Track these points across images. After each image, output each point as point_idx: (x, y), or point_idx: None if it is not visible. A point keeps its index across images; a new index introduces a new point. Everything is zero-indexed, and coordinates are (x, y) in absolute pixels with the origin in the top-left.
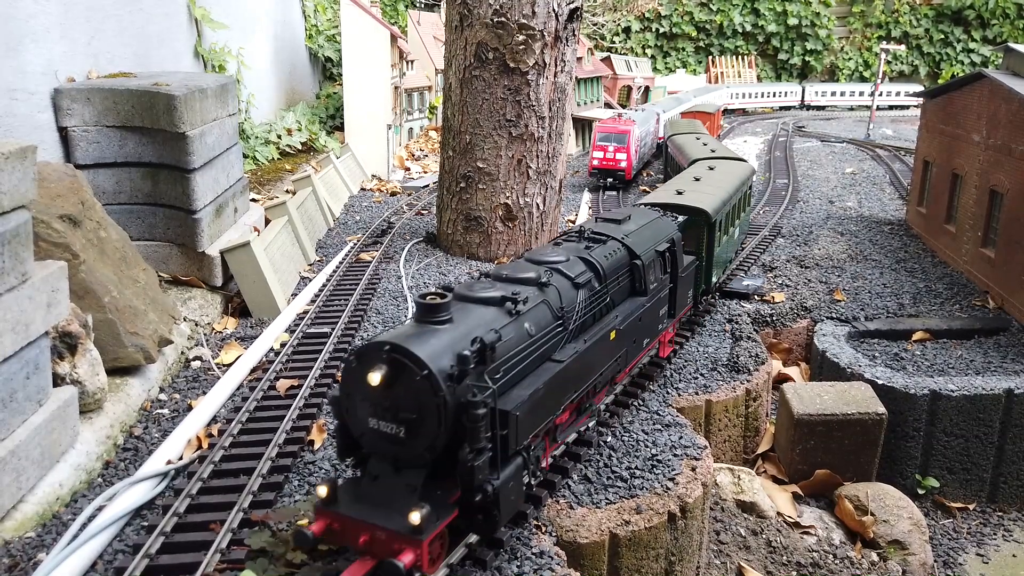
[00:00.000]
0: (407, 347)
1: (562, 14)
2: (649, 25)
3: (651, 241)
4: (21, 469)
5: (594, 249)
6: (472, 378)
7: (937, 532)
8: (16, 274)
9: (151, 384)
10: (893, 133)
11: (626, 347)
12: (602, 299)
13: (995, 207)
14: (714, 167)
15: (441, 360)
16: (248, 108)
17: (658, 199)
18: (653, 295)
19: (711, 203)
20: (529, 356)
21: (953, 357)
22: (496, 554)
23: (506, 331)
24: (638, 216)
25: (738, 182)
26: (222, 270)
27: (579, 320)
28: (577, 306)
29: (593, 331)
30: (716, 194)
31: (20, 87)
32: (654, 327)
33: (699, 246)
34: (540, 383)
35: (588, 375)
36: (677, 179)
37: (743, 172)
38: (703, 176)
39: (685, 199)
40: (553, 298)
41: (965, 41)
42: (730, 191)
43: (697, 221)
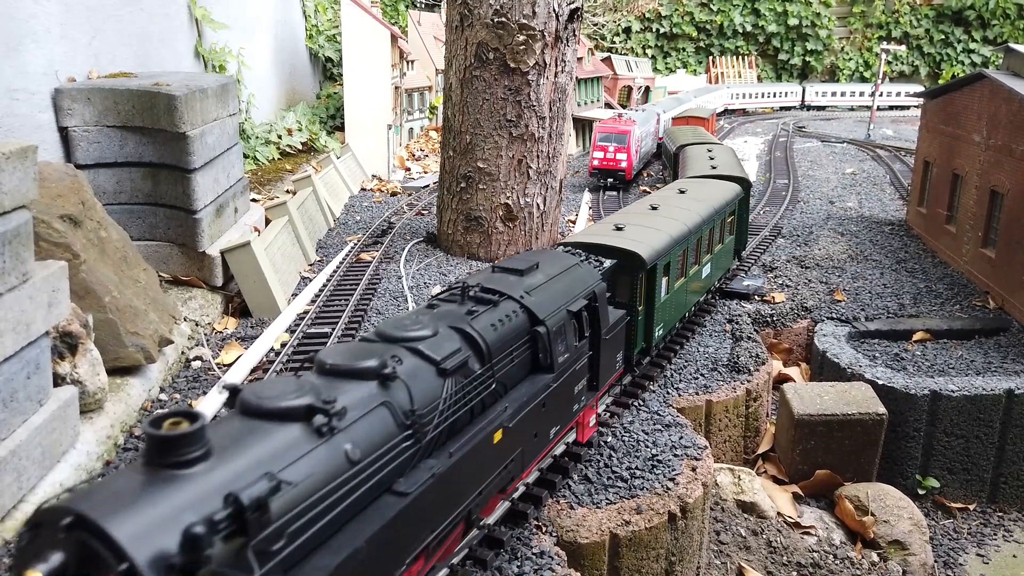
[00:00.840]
0: (98, 522)
1: (562, 14)
2: (649, 25)
3: (562, 298)
4: (22, 469)
5: (479, 315)
6: (224, 561)
7: (937, 532)
8: (17, 274)
9: (152, 384)
10: (893, 133)
11: (521, 446)
12: (485, 386)
13: (995, 207)
14: (686, 189)
15: (158, 540)
16: (248, 108)
17: (587, 238)
18: (564, 369)
19: (654, 242)
20: (350, 494)
21: (953, 357)
22: (496, 554)
23: (300, 467)
24: (549, 263)
25: (710, 210)
26: (222, 270)
27: (444, 423)
28: (441, 403)
29: (466, 436)
30: (668, 228)
31: (21, 87)
32: (566, 410)
33: (634, 297)
34: (364, 538)
35: (456, 501)
36: (629, 208)
37: (722, 195)
38: (664, 203)
39: (618, 238)
40: (400, 397)
41: (965, 41)
42: (693, 223)
43: (631, 266)
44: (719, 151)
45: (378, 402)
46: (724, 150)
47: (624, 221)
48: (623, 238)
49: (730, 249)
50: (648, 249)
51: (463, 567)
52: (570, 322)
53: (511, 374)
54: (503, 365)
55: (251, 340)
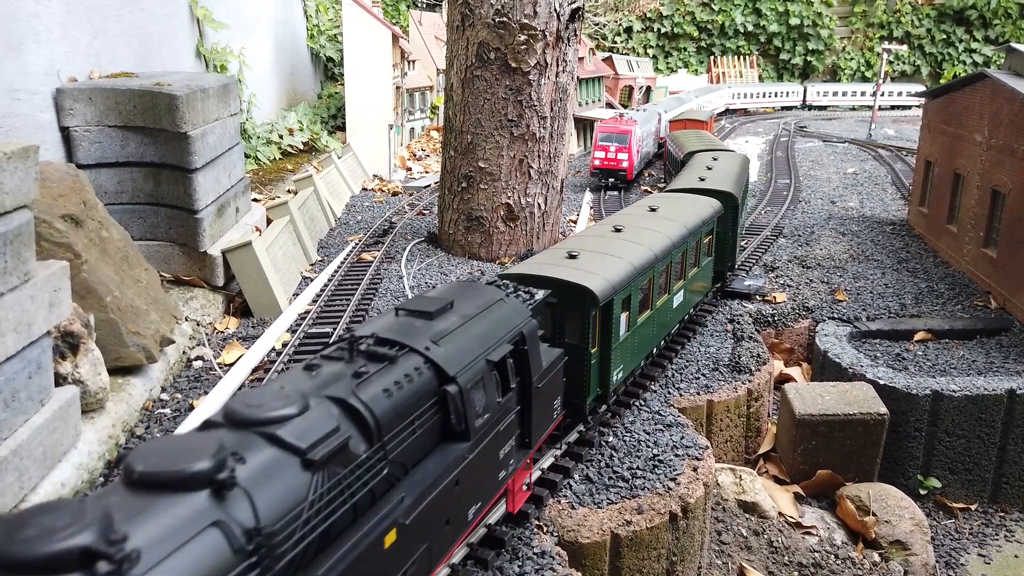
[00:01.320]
0: None
1: (564, 14)
2: (651, 25)
3: (481, 344)
4: (23, 469)
5: (369, 378)
6: None
7: (939, 532)
8: (18, 274)
9: (153, 384)
10: (895, 133)
11: (427, 542)
12: (373, 472)
13: (997, 207)
14: (657, 207)
15: None
16: (250, 108)
17: (533, 269)
18: (484, 433)
19: (611, 274)
20: None
21: (955, 357)
22: (497, 554)
23: None
24: (467, 301)
25: (682, 231)
26: (224, 270)
27: (311, 534)
28: (307, 508)
29: (345, 546)
30: (631, 256)
31: (22, 87)
32: (489, 481)
33: (586, 337)
34: None
35: None
36: (590, 231)
37: (698, 213)
38: (631, 224)
39: (569, 269)
40: (239, 511)
41: (967, 41)
42: (661, 247)
43: (582, 303)
44: (724, 160)
45: (207, 523)
46: (729, 159)
47: (580, 247)
48: (574, 269)
49: (708, 272)
50: (602, 283)
51: (464, 567)
52: (491, 374)
53: (412, 451)
54: (400, 441)
55: (252, 340)
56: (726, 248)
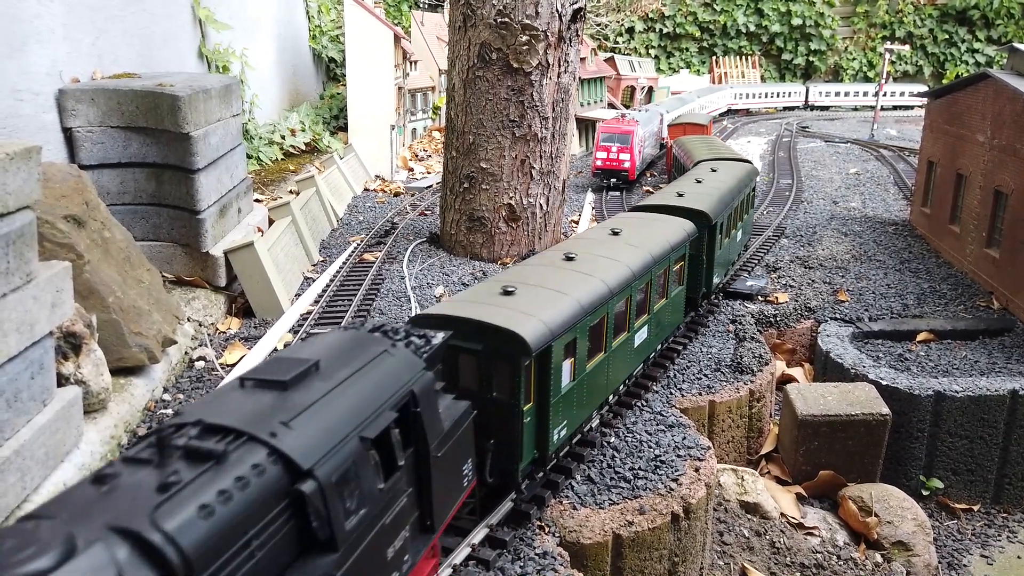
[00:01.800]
0: None
1: (565, 14)
2: (653, 25)
3: (352, 418)
4: (26, 469)
5: (179, 493)
6: None
7: (941, 533)
8: (21, 274)
9: (155, 384)
10: (897, 133)
11: None
12: None
13: (999, 207)
14: (621, 230)
15: None
16: (252, 109)
17: (455, 309)
18: (360, 535)
19: (551, 315)
20: None
21: (957, 358)
22: (499, 554)
23: None
24: (340, 358)
25: (646, 259)
26: (226, 270)
27: None
28: None
29: None
30: (580, 291)
31: (25, 88)
32: None
33: (516, 392)
34: None
35: None
36: (537, 259)
37: (666, 237)
38: (585, 251)
39: (499, 310)
40: None
41: (969, 41)
42: (619, 279)
43: (511, 351)
44: (721, 172)
45: None
46: (728, 171)
47: (520, 281)
48: (506, 310)
49: (679, 303)
50: (538, 327)
51: (466, 567)
52: (368, 455)
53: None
54: (231, 573)
55: (254, 340)
56: (700, 274)
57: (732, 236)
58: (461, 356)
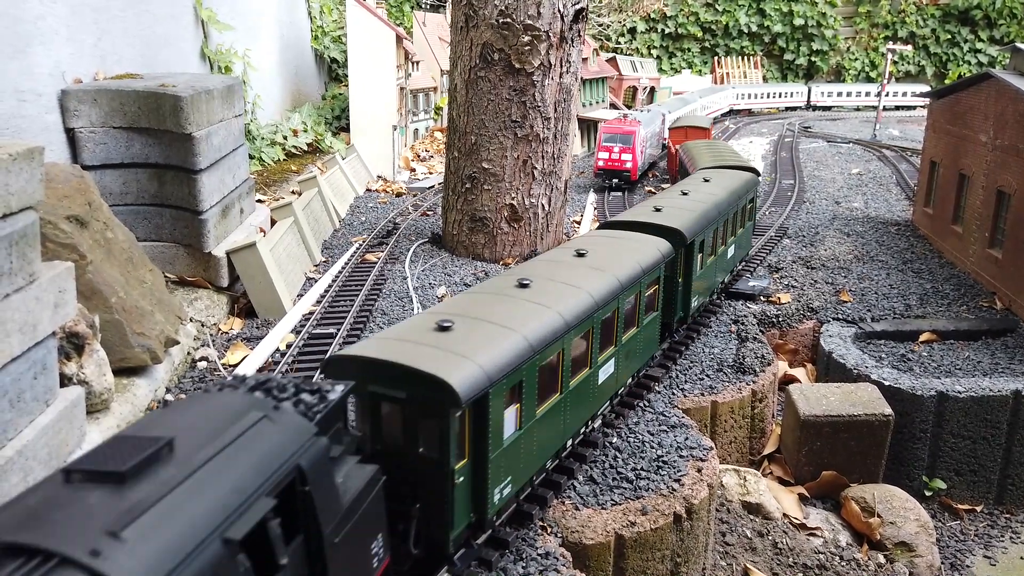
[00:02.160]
0: None
1: (567, 15)
2: (654, 26)
3: (212, 516)
4: (28, 469)
5: None
6: None
7: (944, 534)
8: (24, 275)
9: (157, 384)
10: (899, 133)
11: None
12: None
13: (1002, 208)
14: (587, 251)
15: None
16: (254, 109)
17: (374, 351)
18: None
19: (488, 357)
20: None
21: (960, 358)
22: (501, 555)
23: None
24: (201, 432)
25: (612, 284)
26: (228, 271)
27: None
28: None
29: None
30: (528, 326)
31: (28, 88)
32: None
33: (446, 447)
34: None
35: None
36: (489, 284)
37: (639, 259)
38: (545, 276)
39: (424, 353)
40: None
41: (972, 41)
42: (578, 312)
43: (436, 402)
44: (714, 183)
45: None
46: (723, 181)
47: (459, 313)
48: (435, 350)
49: (653, 332)
50: (472, 372)
51: (468, 567)
52: (234, 563)
53: None
54: None
55: (257, 341)
56: (676, 299)
57: (719, 254)
58: (384, 405)
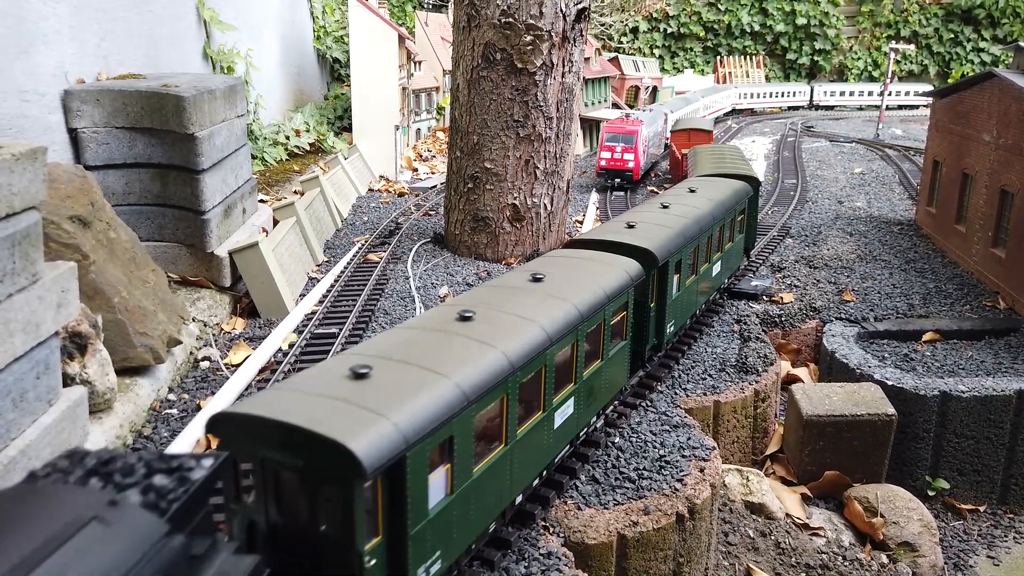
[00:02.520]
0: None
1: (569, 14)
2: (657, 25)
3: None
4: (31, 468)
5: None
6: None
7: (947, 534)
8: (26, 275)
9: (160, 384)
10: (902, 133)
11: None
12: None
13: (1006, 207)
14: (544, 276)
15: None
16: (256, 109)
17: (264, 408)
18: None
19: (406, 413)
20: None
21: (963, 358)
22: (503, 555)
23: None
24: (17, 536)
25: (570, 315)
26: (231, 271)
27: None
28: None
29: None
30: (463, 372)
31: (31, 88)
32: None
33: (350, 523)
34: None
35: None
36: (427, 318)
37: (603, 283)
38: (491, 306)
39: (329, 404)
40: None
41: (975, 40)
42: (524, 353)
43: (336, 469)
44: (700, 194)
45: None
46: (713, 191)
47: (383, 354)
48: (343, 405)
49: (621, 362)
50: (383, 433)
51: (470, 567)
52: None
53: None
54: None
55: (259, 340)
56: (648, 326)
57: (701, 273)
58: (281, 474)
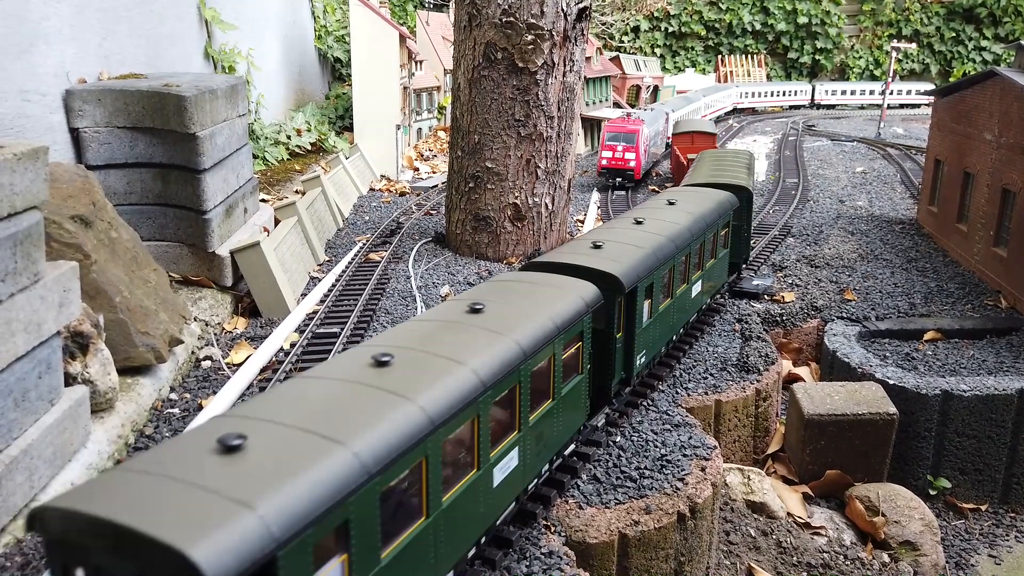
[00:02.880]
0: None
1: (571, 14)
2: (658, 24)
3: None
4: (33, 468)
5: None
6: None
7: (949, 533)
8: (28, 274)
9: (162, 383)
10: (904, 132)
11: None
12: None
13: (1007, 206)
14: (483, 305)
15: None
16: (258, 109)
17: (97, 503)
18: None
19: (272, 505)
20: None
21: (965, 357)
22: (505, 554)
23: None
24: None
25: (512, 352)
26: (232, 270)
27: None
28: None
29: None
30: (363, 437)
31: (32, 88)
32: None
33: None
34: None
35: None
36: (325, 368)
37: (554, 313)
38: (414, 347)
39: (161, 502)
40: None
41: (977, 39)
42: (445, 404)
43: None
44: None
45: None
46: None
47: (264, 416)
48: (190, 498)
49: (576, 402)
50: (244, 534)
51: (472, 567)
52: None
53: None
54: None
55: (261, 340)
56: (612, 358)
57: (678, 295)
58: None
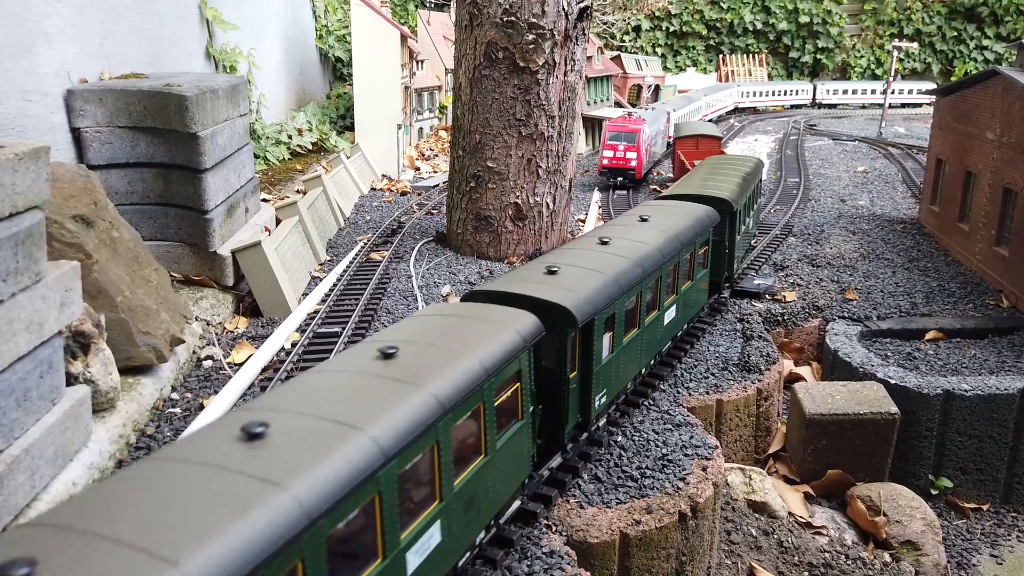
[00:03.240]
0: None
1: (572, 13)
2: (659, 24)
3: None
4: (35, 468)
5: None
6: None
7: (950, 533)
8: (30, 274)
9: (163, 383)
10: (905, 131)
11: None
12: None
13: (1009, 205)
14: (395, 349)
15: None
16: (259, 108)
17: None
18: None
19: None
20: None
21: (966, 356)
22: (506, 553)
23: None
24: None
25: (429, 405)
26: (233, 270)
27: None
28: None
29: None
30: (250, 519)
31: (33, 88)
32: None
33: None
34: None
35: None
36: (191, 442)
37: (493, 348)
38: (304, 410)
39: None
40: None
41: (978, 38)
42: (336, 484)
43: None
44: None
45: None
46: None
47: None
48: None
49: (518, 457)
50: None
51: (472, 566)
52: None
53: None
54: None
55: (262, 340)
56: (564, 401)
57: (646, 325)
58: None
